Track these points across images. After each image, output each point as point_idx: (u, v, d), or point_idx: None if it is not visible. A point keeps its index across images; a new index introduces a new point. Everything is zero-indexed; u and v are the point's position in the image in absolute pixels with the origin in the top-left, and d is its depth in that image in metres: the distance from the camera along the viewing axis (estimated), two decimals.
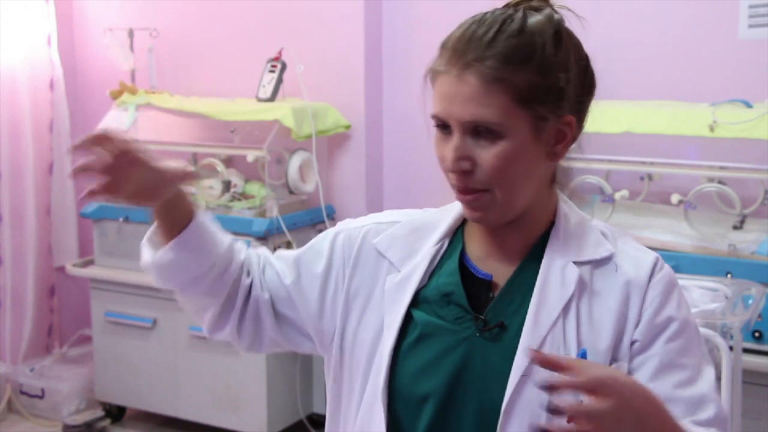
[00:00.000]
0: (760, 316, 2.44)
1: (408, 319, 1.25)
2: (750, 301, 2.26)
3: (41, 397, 3.81)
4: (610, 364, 1.17)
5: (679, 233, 2.74)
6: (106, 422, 3.76)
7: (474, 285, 1.25)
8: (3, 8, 3.80)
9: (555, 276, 1.21)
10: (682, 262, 2.64)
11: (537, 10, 1.20)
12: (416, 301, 1.26)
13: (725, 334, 2.10)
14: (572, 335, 1.18)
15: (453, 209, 1.32)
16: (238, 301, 1.32)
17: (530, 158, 1.19)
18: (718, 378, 2.13)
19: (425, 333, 1.23)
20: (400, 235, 1.31)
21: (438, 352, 1.22)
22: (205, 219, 1.29)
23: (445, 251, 1.29)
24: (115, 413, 3.79)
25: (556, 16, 1.21)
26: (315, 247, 1.36)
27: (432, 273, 1.28)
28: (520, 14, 1.18)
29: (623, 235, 1.28)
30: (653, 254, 1.25)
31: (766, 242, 2.65)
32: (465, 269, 1.26)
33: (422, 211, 1.37)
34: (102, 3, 4.13)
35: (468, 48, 1.15)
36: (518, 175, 1.18)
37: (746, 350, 2.46)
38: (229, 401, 3.39)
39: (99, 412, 3.78)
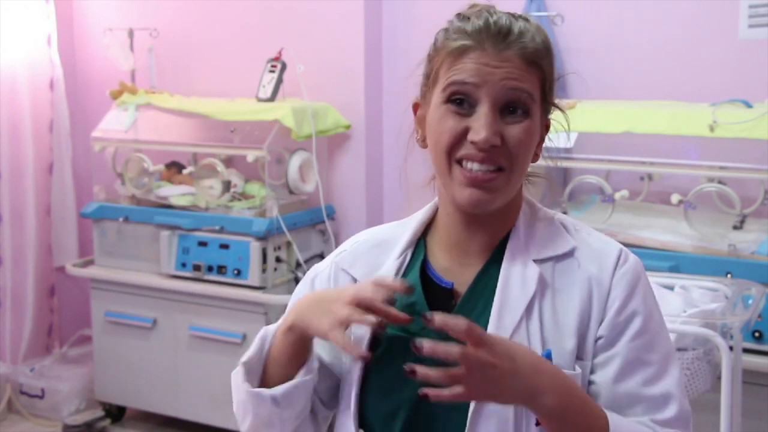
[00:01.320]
0: (760, 316, 2.44)
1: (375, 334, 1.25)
2: (750, 301, 2.26)
3: (41, 397, 3.81)
4: (575, 363, 1.17)
5: (679, 233, 2.74)
6: (106, 422, 3.76)
7: (437, 294, 1.24)
8: (3, 8, 3.80)
9: (515, 276, 1.20)
10: (682, 262, 2.64)
11: (510, 14, 1.22)
12: None
13: (725, 334, 2.10)
14: (536, 336, 1.17)
15: (414, 221, 1.32)
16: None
17: (534, 146, 1.21)
18: (718, 378, 2.13)
19: (390, 347, 1.23)
20: (362, 252, 1.31)
21: (405, 364, 1.21)
22: None
23: (409, 263, 1.28)
24: (115, 413, 3.79)
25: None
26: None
27: None
28: (516, 16, 1.20)
29: (586, 227, 1.27)
30: (616, 246, 1.23)
31: (766, 242, 2.64)
32: (428, 279, 1.25)
33: (384, 225, 1.36)
34: (102, 3, 4.13)
35: (505, 32, 1.16)
36: (528, 159, 1.20)
37: (746, 350, 2.46)
38: (229, 401, 3.38)
39: (99, 412, 3.78)
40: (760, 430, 2.55)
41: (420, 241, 1.30)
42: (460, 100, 1.16)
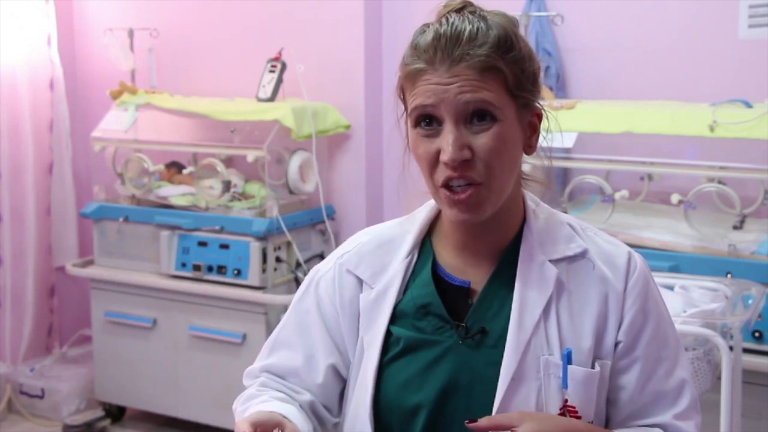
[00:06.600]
0: (760, 316, 2.44)
1: (388, 335, 1.25)
2: (750, 301, 2.26)
3: (41, 397, 3.81)
4: (593, 362, 1.19)
5: (679, 233, 2.74)
6: (106, 422, 3.76)
7: (451, 294, 1.24)
8: (3, 8, 3.80)
9: (533, 277, 1.21)
10: (682, 262, 2.64)
11: (474, 12, 1.20)
12: (393, 317, 1.25)
13: (725, 334, 2.10)
14: (554, 336, 1.19)
15: (417, 218, 1.31)
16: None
17: (516, 145, 1.20)
18: (718, 378, 2.13)
19: (408, 347, 1.23)
20: (367, 252, 1.30)
21: (424, 364, 1.22)
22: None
23: (416, 263, 1.28)
24: (115, 413, 3.79)
25: (510, 16, 1.22)
26: (303, 307, 1.33)
27: (406, 287, 1.27)
28: (477, 15, 1.18)
29: (590, 227, 1.29)
30: (625, 249, 1.26)
31: (766, 242, 2.64)
32: (439, 279, 1.25)
33: (385, 224, 1.35)
34: (102, 3, 4.13)
35: (453, 44, 1.15)
36: (509, 162, 1.18)
37: (746, 350, 2.46)
38: (229, 401, 3.37)
39: (99, 412, 3.78)
40: (760, 430, 2.55)
41: (426, 242, 1.30)
42: (428, 121, 1.17)
